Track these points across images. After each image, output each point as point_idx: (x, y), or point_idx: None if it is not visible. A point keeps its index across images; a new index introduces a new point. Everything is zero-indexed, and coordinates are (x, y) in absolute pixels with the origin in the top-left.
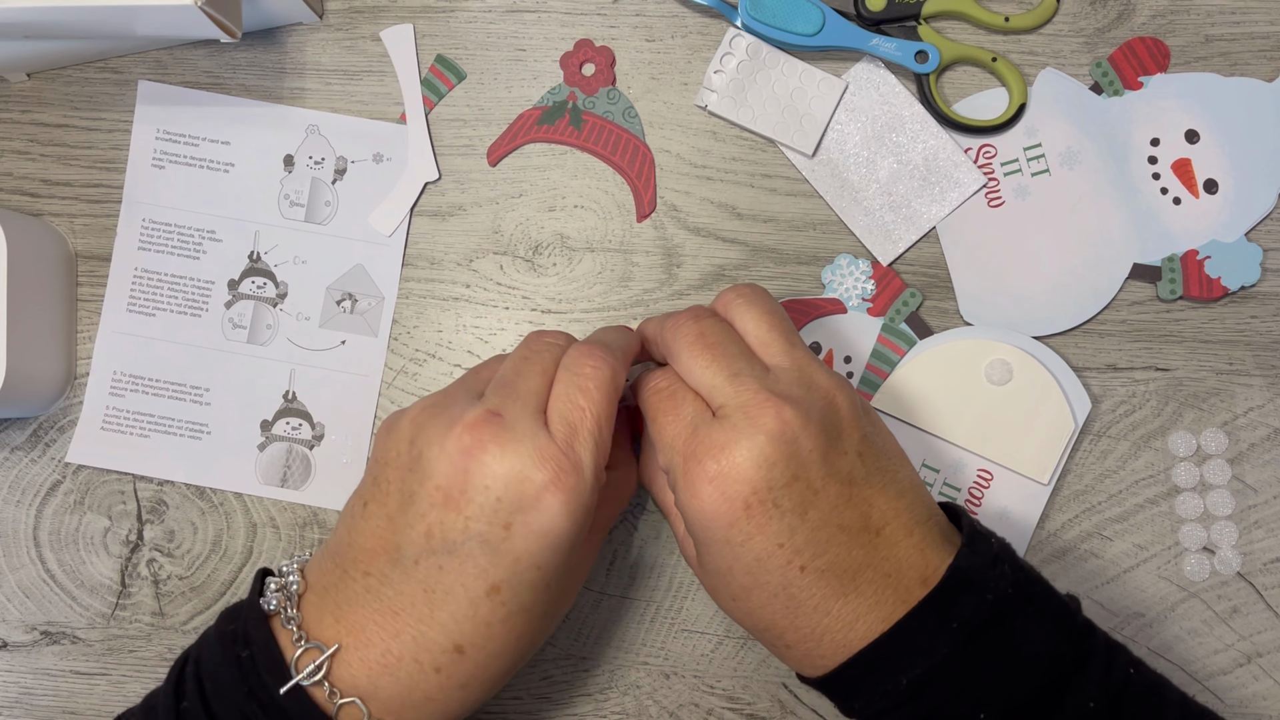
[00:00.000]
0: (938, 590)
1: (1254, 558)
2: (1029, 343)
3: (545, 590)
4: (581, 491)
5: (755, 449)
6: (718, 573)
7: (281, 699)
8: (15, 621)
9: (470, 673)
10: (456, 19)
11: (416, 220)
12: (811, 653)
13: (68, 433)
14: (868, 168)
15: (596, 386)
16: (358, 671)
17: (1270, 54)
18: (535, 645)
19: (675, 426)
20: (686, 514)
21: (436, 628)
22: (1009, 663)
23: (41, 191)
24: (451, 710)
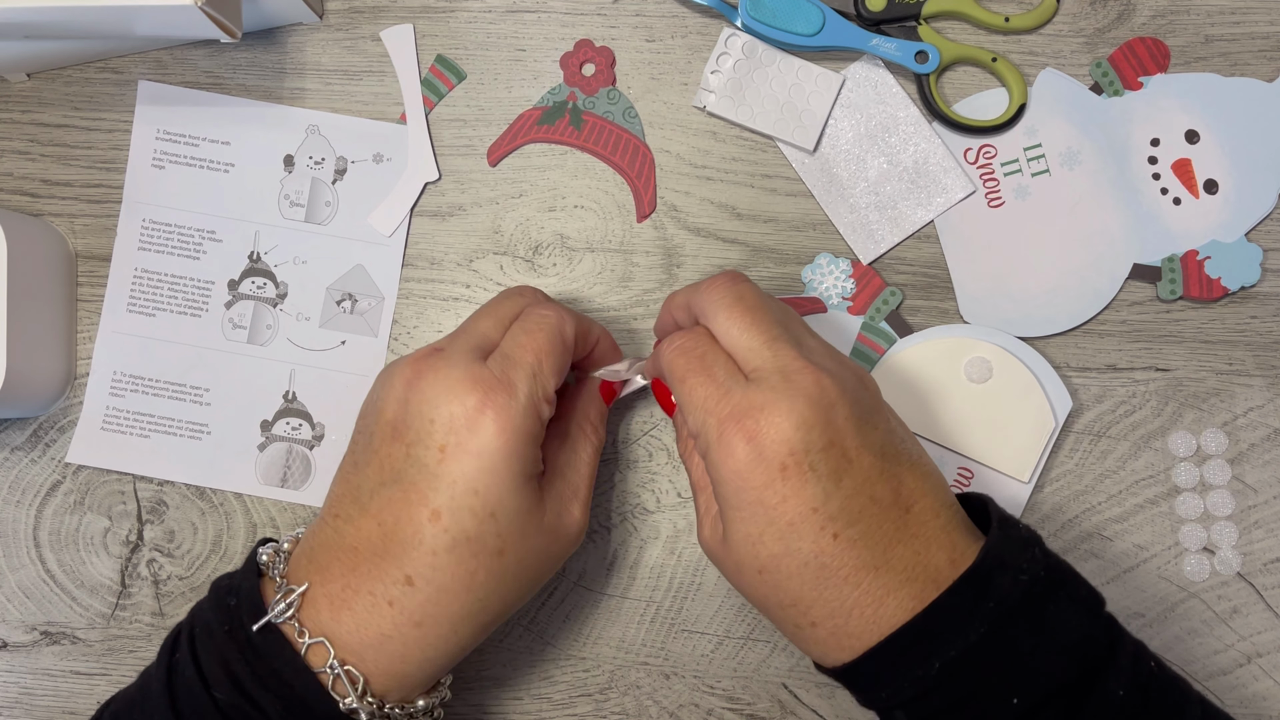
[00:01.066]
0: (973, 570)
1: (1254, 558)
2: (1009, 340)
3: (490, 521)
4: (513, 412)
5: (794, 411)
6: (747, 541)
7: (255, 637)
8: (15, 621)
9: (422, 608)
10: (456, 19)
11: (416, 220)
12: (838, 631)
13: (68, 433)
14: (858, 165)
15: (541, 329)
16: (322, 609)
17: (1270, 54)
18: (494, 589)
19: (708, 388)
20: (719, 475)
21: (388, 560)
22: (1042, 646)
23: (41, 191)
24: (411, 653)
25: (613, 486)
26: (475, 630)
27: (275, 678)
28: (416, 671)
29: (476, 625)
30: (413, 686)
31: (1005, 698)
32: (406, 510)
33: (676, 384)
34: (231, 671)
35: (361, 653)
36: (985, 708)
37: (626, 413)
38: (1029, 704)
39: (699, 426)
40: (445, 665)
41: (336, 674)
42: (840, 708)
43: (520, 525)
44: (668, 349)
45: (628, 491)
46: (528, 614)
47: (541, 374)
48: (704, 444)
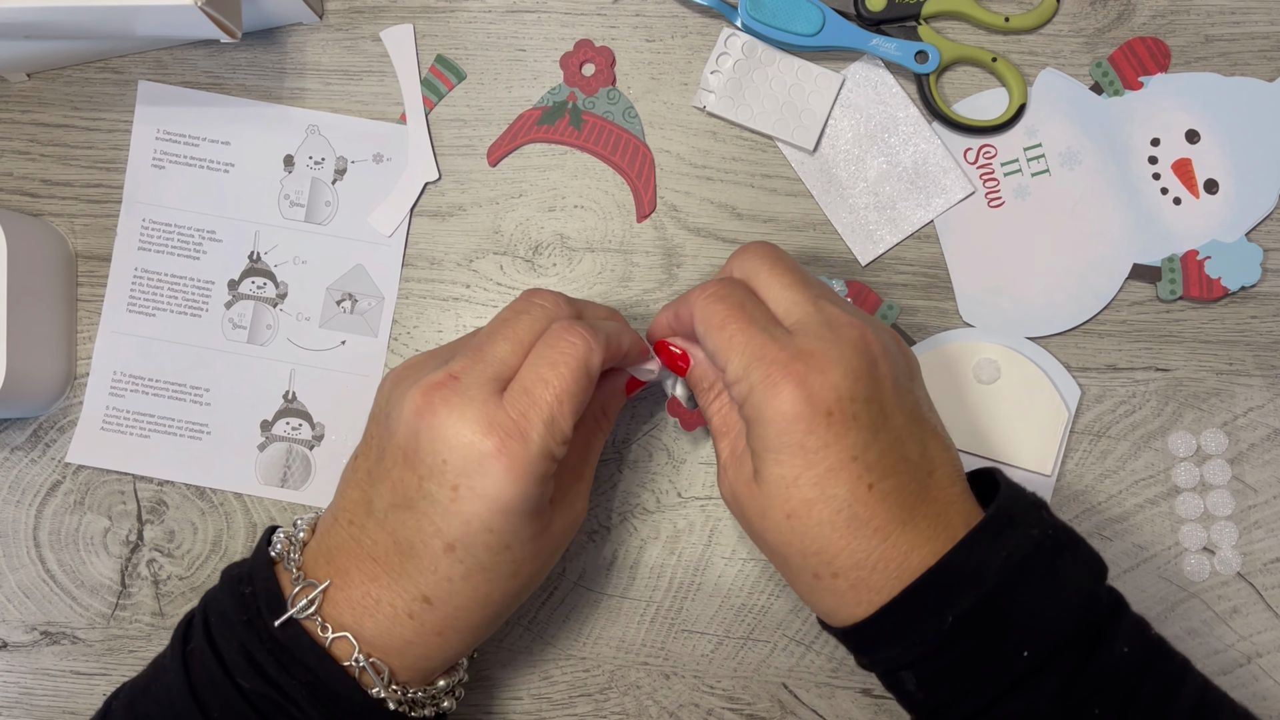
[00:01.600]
0: (986, 522)
1: (1254, 558)
2: (1013, 339)
3: (504, 551)
4: (527, 460)
5: (844, 359)
6: (781, 484)
7: (277, 631)
8: (15, 621)
9: (442, 622)
10: (456, 19)
11: (416, 220)
12: (860, 583)
13: (68, 433)
14: (857, 165)
15: (566, 362)
16: (343, 610)
17: (1270, 54)
18: (510, 600)
19: (751, 333)
20: (762, 417)
21: (405, 577)
22: (1051, 600)
23: (41, 191)
24: (434, 654)
25: (613, 486)
26: (493, 627)
27: (301, 667)
28: (439, 666)
29: (493, 626)
30: (433, 672)
31: (1015, 652)
32: (421, 537)
33: (715, 330)
34: (255, 661)
35: (387, 650)
36: (996, 662)
37: (626, 413)
38: (1038, 658)
39: (741, 371)
40: (469, 650)
41: (362, 666)
42: (840, 707)
43: (534, 549)
44: (702, 296)
45: (628, 491)
46: (528, 614)
47: (560, 417)
48: (745, 387)
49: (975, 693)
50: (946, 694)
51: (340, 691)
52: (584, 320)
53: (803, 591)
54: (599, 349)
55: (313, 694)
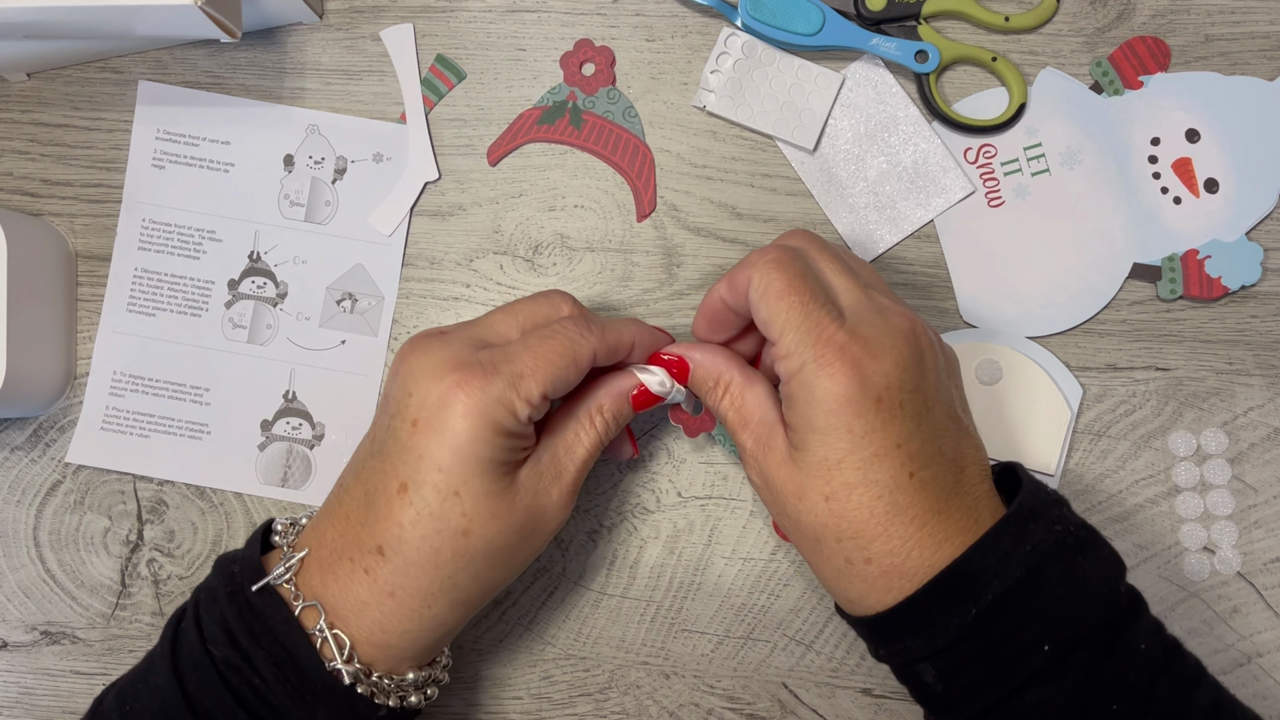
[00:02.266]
0: (1009, 517)
1: (1254, 557)
2: (1014, 340)
3: (453, 498)
4: (483, 399)
5: (896, 348)
6: (823, 465)
7: (254, 598)
8: (15, 621)
9: (392, 579)
10: (456, 19)
11: (416, 220)
12: (892, 570)
13: (68, 433)
14: (857, 165)
15: (554, 341)
16: (314, 574)
17: (1270, 53)
18: (467, 576)
19: (810, 308)
20: (813, 395)
21: (365, 528)
22: (1072, 595)
23: (41, 191)
24: (389, 623)
25: (613, 486)
26: (450, 606)
27: (269, 636)
28: (398, 642)
29: (450, 602)
30: (398, 657)
31: (1036, 645)
32: (382, 481)
33: (774, 298)
34: (230, 630)
35: (346, 618)
36: (1016, 655)
37: None
38: (1058, 652)
39: (796, 345)
40: (427, 640)
41: (324, 637)
42: (840, 707)
43: (488, 507)
44: (762, 260)
45: (628, 491)
46: (528, 614)
47: (530, 378)
48: (797, 362)
49: (994, 685)
50: (965, 685)
51: (302, 663)
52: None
53: (829, 576)
54: (591, 338)
55: (277, 665)
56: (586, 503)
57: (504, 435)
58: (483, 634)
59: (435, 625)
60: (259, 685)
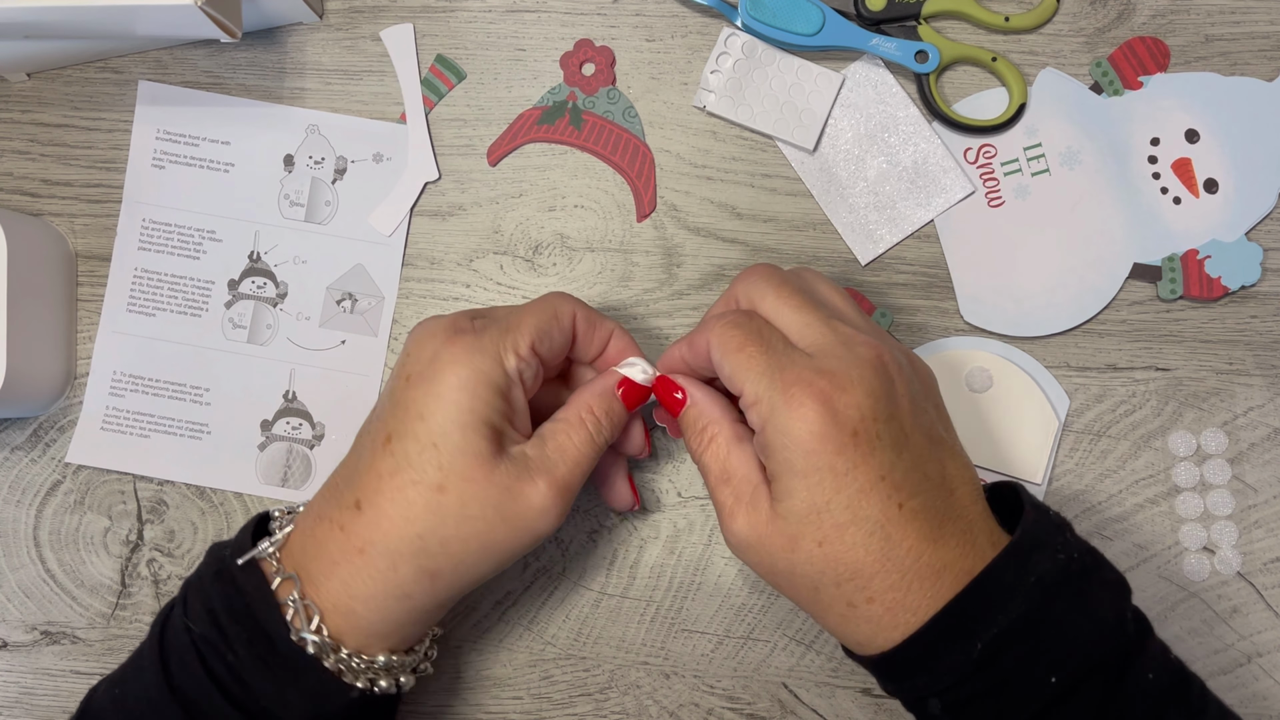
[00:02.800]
0: (1014, 546)
1: (1254, 557)
2: (1003, 347)
3: (432, 451)
4: (473, 350)
5: (864, 379)
6: (811, 511)
7: (238, 575)
8: (15, 621)
9: (363, 533)
10: (456, 19)
11: (416, 220)
12: (896, 605)
13: (68, 433)
14: (857, 165)
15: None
16: (296, 545)
17: (1270, 54)
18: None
19: (769, 355)
20: (788, 438)
21: (348, 485)
22: (1079, 625)
23: (41, 191)
24: (355, 585)
25: None
26: (416, 574)
27: (246, 611)
28: (363, 610)
29: (417, 569)
30: (366, 631)
31: (1043, 678)
32: (371, 437)
33: (731, 354)
34: (211, 608)
35: (318, 582)
36: (1023, 689)
37: None
38: (1066, 684)
39: (762, 390)
40: (394, 613)
41: (296, 608)
42: (840, 707)
43: (464, 465)
44: (718, 322)
45: None
46: (528, 614)
47: (514, 331)
48: (767, 408)
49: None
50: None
51: (272, 635)
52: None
53: (834, 624)
54: (572, 305)
55: (250, 640)
56: (587, 503)
57: (491, 389)
58: (483, 634)
59: (401, 595)
60: (232, 661)
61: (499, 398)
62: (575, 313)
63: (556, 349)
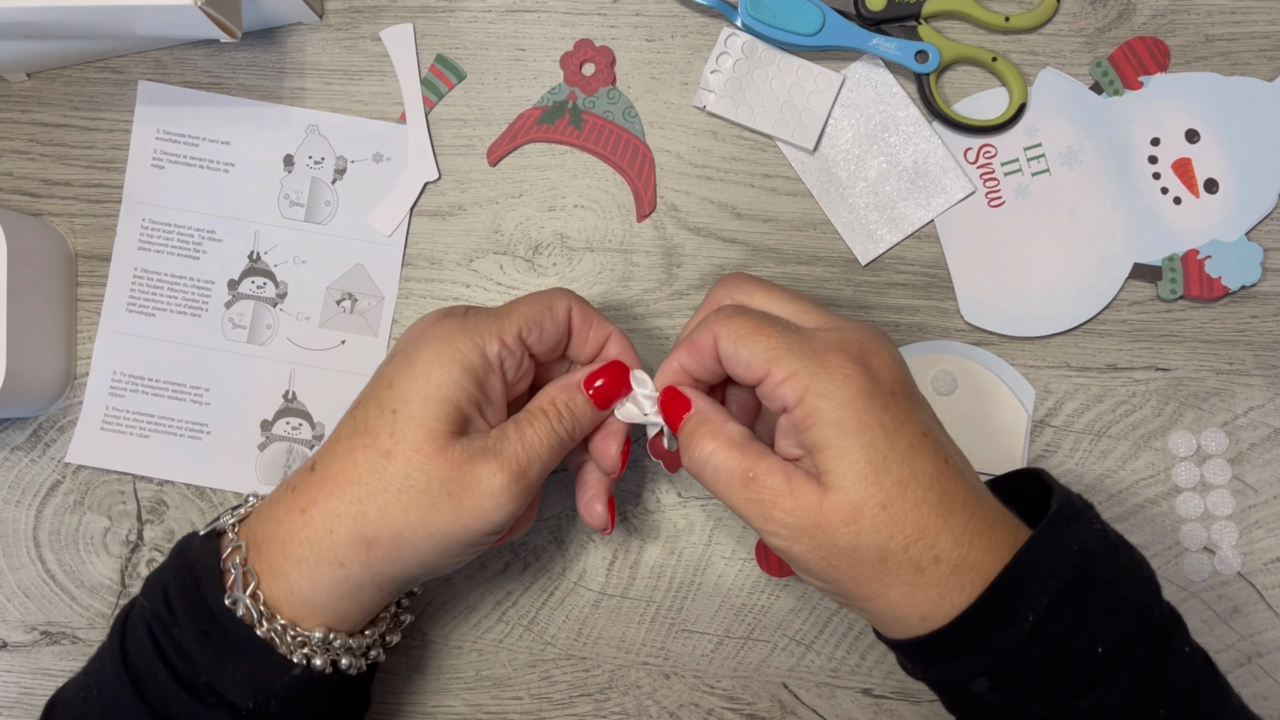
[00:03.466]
0: (1054, 516)
1: (1254, 558)
2: (963, 348)
3: (389, 417)
4: (453, 331)
5: (884, 345)
6: (870, 471)
7: (192, 549)
8: (15, 621)
9: (309, 493)
10: (456, 19)
11: (416, 220)
12: (962, 563)
13: (68, 433)
14: (857, 165)
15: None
16: (255, 514)
17: (1270, 54)
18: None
19: (788, 335)
20: (836, 398)
21: (314, 451)
22: (1121, 594)
23: (41, 191)
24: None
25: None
26: (351, 540)
27: (194, 582)
28: (295, 573)
29: (352, 532)
30: (300, 600)
31: (1091, 647)
32: (349, 409)
33: (748, 339)
34: (164, 581)
35: (260, 547)
36: (1072, 660)
37: None
38: (1112, 653)
39: (794, 366)
40: (327, 581)
41: (236, 574)
42: (840, 707)
43: (416, 436)
44: (719, 316)
45: (628, 491)
46: (528, 614)
47: (505, 317)
48: (805, 380)
49: (1051, 692)
50: (1020, 694)
51: (213, 608)
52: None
53: (899, 597)
54: (567, 297)
55: (194, 613)
56: None
57: (464, 370)
58: (483, 634)
59: (334, 561)
60: (176, 634)
61: (471, 381)
62: (571, 306)
63: (547, 341)
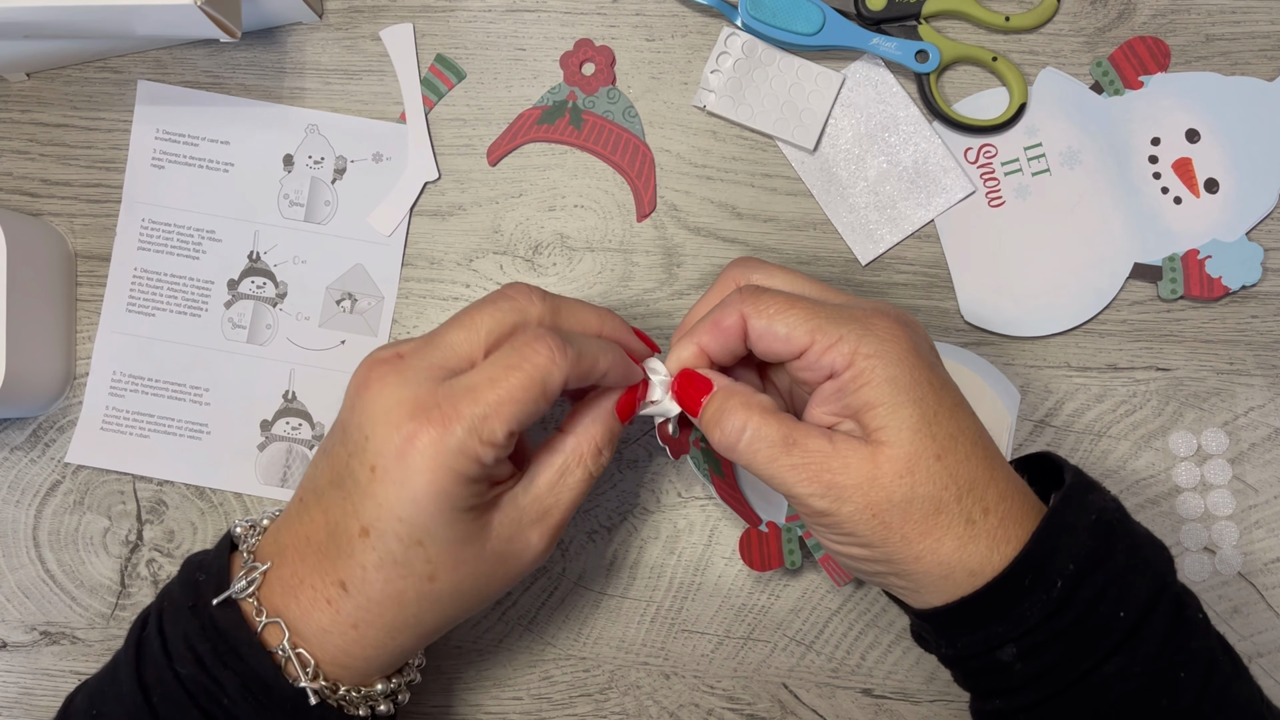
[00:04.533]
0: (1071, 487)
1: (1255, 558)
2: (950, 349)
3: (416, 547)
4: (443, 452)
5: (910, 319)
6: (924, 423)
7: (216, 613)
8: (15, 621)
9: (356, 613)
10: (456, 18)
11: (416, 220)
12: (1008, 516)
13: (68, 433)
14: (857, 165)
15: (522, 368)
16: (276, 592)
17: (1270, 53)
18: (432, 606)
19: (822, 306)
20: (887, 360)
21: (328, 560)
22: (1139, 560)
23: (41, 191)
24: (353, 650)
25: (613, 486)
26: (416, 638)
27: (234, 655)
28: (363, 665)
29: (415, 635)
30: (365, 673)
31: (1114, 613)
32: (343, 518)
33: (783, 314)
34: (194, 647)
35: (309, 640)
36: (1097, 626)
37: None
38: (1134, 619)
39: (841, 331)
40: (395, 660)
41: (288, 656)
42: (840, 707)
43: (454, 554)
44: (745, 294)
45: (627, 491)
46: (528, 614)
47: (495, 419)
48: (853, 342)
49: (1078, 658)
50: (1047, 662)
51: (268, 681)
52: (558, 330)
53: (950, 551)
54: (563, 365)
55: (244, 685)
56: (586, 503)
57: (468, 483)
58: (483, 634)
59: (400, 653)
60: (227, 704)
61: (478, 485)
62: (567, 379)
63: (539, 417)
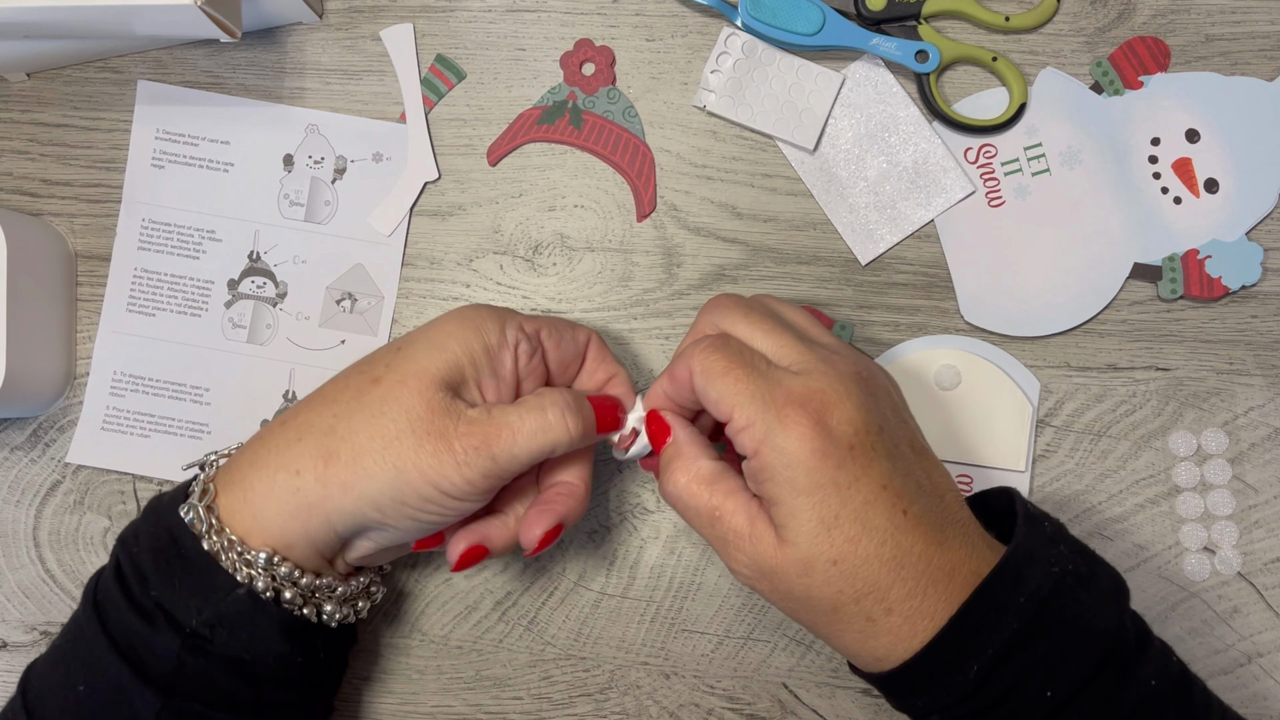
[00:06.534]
0: (1003, 564)
1: (1254, 558)
2: (966, 342)
3: (391, 353)
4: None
5: (850, 393)
6: (821, 528)
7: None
8: (15, 621)
9: (295, 411)
10: (456, 18)
11: (416, 220)
12: (915, 612)
13: (68, 433)
14: (857, 165)
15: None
16: (230, 464)
17: (1270, 53)
18: (344, 428)
19: (755, 379)
20: (787, 456)
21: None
22: (1075, 638)
23: (41, 191)
24: (258, 453)
25: (613, 486)
26: (315, 450)
27: (159, 501)
28: (254, 477)
29: (318, 443)
30: (252, 513)
31: (1040, 693)
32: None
33: (717, 379)
34: (135, 526)
35: (235, 458)
36: (1021, 705)
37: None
38: (1062, 698)
39: (751, 416)
40: (278, 488)
41: (197, 488)
42: (840, 707)
43: (407, 371)
44: (697, 348)
45: (627, 491)
46: (528, 614)
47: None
48: (760, 431)
49: None
50: None
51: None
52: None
53: (852, 641)
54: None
55: (154, 533)
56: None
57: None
58: (483, 634)
59: (291, 469)
60: (135, 552)
61: (481, 347)
62: (591, 338)
63: (564, 353)
